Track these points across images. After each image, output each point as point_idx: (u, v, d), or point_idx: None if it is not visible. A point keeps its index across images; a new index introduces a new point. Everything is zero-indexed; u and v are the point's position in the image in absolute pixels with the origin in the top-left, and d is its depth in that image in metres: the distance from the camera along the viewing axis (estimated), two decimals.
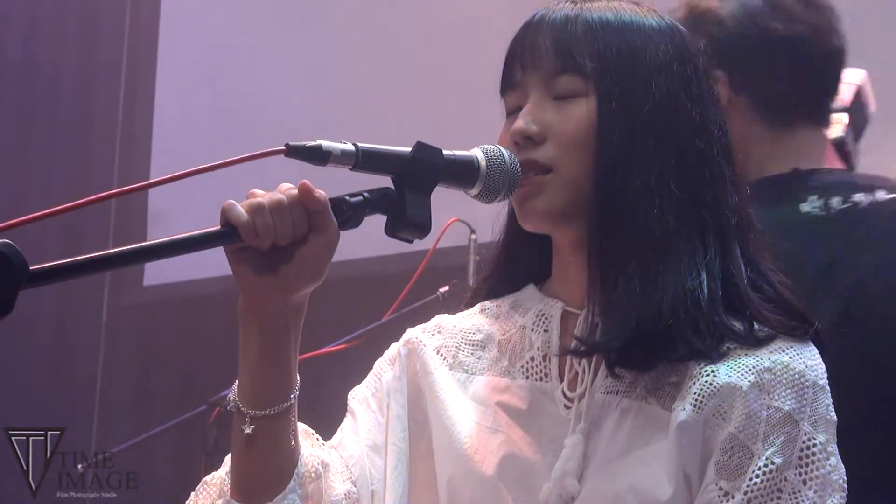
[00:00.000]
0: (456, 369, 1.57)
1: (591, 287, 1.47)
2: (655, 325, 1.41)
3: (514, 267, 1.60)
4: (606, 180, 1.46)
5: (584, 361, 1.49)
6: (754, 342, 1.44)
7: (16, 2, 5.70)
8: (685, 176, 1.47)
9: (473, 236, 3.32)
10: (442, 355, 1.58)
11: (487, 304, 1.61)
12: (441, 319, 1.62)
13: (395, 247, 1.53)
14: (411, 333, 1.61)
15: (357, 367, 1.66)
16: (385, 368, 1.60)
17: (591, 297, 1.47)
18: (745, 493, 1.38)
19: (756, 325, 1.45)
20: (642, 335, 1.42)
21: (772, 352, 1.44)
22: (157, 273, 5.10)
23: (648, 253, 1.44)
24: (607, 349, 1.44)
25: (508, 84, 1.53)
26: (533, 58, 1.50)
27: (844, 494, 1.41)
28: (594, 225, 1.47)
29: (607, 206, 1.46)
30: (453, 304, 1.68)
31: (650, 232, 1.44)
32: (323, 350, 3.07)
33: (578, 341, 1.46)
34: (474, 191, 1.46)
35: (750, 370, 1.42)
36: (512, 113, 1.53)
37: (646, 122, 1.47)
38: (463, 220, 3.21)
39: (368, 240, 1.65)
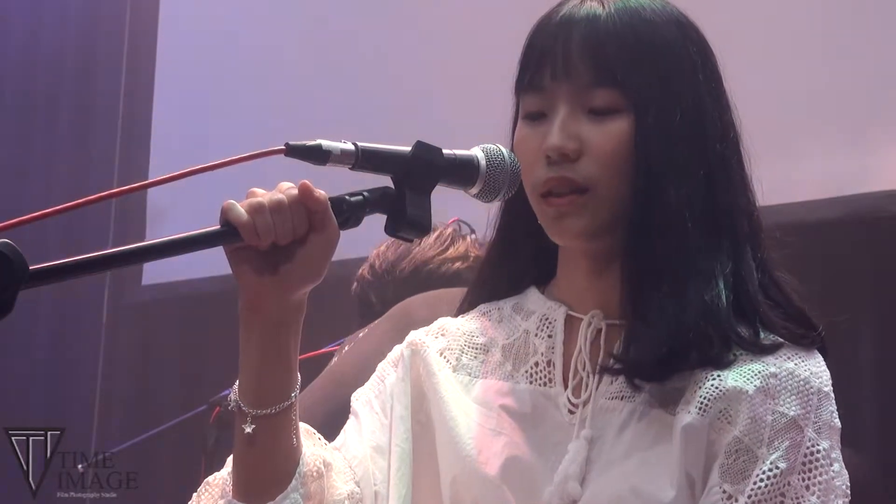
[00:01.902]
0: (459, 372, 1.56)
1: (626, 303, 1.46)
2: (680, 340, 1.42)
3: (512, 268, 1.59)
4: (645, 198, 1.45)
5: (588, 366, 1.49)
6: (760, 350, 1.44)
7: (16, 2, 5.69)
8: (708, 184, 1.47)
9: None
10: (445, 357, 1.57)
11: (488, 306, 1.61)
12: (444, 322, 1.62)
13: None
14: (415, 335, 1.61)
15: None
16: (388, 370, 1.60)
17: (624, 314, 1.47)
18: (749, 496, 1.38)
19: (762, 333, 1.45)
20: (668, 350, 1.42)
21: (778, 358, 1.44)
22: (155, 272, 5.10)
23: (679, 269, 1.44)
24: (640, 368, 1.44)
25: (532, 87, 1.50)
26: (566, 67, 1.47)
27: (847, 501, 1.41)
28: (631, 240, 1.46)
29: (645, 223, 1.45)
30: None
31: (682, 247, 1.44)
32: (323, 350, 3.06)
33: (617, 360, 1.46)
34: (474, 190, 1.45)
35: (756, 375, 1.42)
36: (532, 117, 1.51)
37: (678, 132, 1.46)
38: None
39: (368, 239, 1.65)
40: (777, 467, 1.39)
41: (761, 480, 1.38)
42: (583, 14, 1.49)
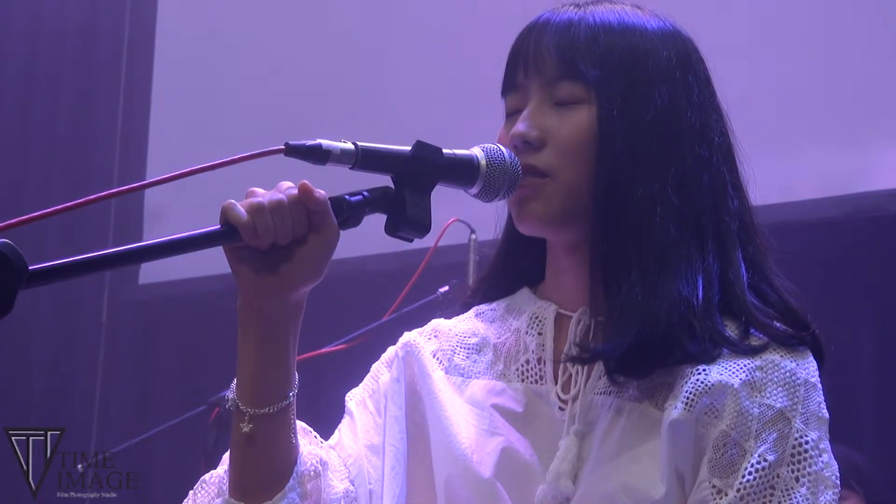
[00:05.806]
0: (452, 373, 1.57)
1: (593, 293, 1.47)
2: (654, 333, 1.42)
3: (509, 270, 1.61)
4: (609, 188, 1.45)
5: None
6: (747, 350, 1.44)
7: (17, 3, 5.70)
8: (685, 183, 1.47)
9: (474, 236, 3.32)
10: (438, 359, 1.58)
11: (482, 307, 1.62)
12: (437, 323, 1.63)
13: (395, 246, 1.53)
14: (408, 337, 1.62)
15: (357, 367, 1.66)
16: (382, 371, 1.60)
17: (592, 304, 1.47)
18: (738, 490, 1.38)
19: (752, 331, 1.45)
20: (642, 343, 1.42)
21: (763, 353, 1.44)
22: (155, 271, 5.10)
23: (650, 260, 1.44)
24: (609, 357, 1.44)
25: (510, 86, 1.53)
26: (536, 62, 1.50)
27: (837, 491, 1.42)
28: (596, 231, 1.47)
29: (609, 213, 1.45)
30: (453, 304, 1.68)
31: (652, 240, 1.44)
32: (323, 350, 3.06)
33: (580, 349, 1.46)
34: (474, 190, 1.46)
35: (741, 369, 1.43)
36: (511, 114, 1.53)
37: (648, 130, 1.47)
38: (463, 220, 3.21)
39: (368, 238, 1.65)
40: (765, 460, 1.39)
41: (750, 474, 1.38)
42: (559, 17, 1.52)
